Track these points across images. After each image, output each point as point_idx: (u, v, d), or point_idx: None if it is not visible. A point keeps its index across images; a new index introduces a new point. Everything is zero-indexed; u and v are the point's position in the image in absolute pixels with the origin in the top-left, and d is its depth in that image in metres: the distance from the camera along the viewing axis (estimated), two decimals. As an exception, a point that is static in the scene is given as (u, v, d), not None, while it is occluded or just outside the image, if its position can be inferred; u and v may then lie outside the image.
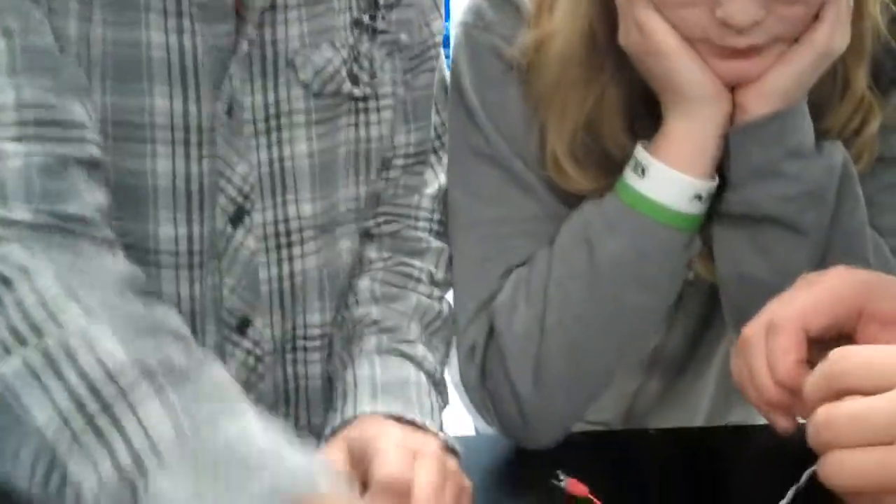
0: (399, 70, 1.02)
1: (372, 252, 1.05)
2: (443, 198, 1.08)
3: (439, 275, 1.07)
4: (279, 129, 0.94)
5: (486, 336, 1.04)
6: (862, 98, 0.98)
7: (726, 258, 0.99)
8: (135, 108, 0.87)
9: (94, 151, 0.84)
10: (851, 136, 0.99)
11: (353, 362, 0.96)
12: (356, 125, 1.00)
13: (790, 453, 0.90)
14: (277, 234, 0.97)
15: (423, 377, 0.97)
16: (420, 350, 0.98)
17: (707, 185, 0.96)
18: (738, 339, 0.78)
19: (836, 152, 0.96)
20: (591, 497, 0.73)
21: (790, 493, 0.65)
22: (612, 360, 1.02)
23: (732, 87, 0.94)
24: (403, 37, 1.01)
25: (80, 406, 0.67)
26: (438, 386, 0.99)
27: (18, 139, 0.79)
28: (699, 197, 0.96)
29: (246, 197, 0.93)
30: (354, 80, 0.98)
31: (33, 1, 0.83)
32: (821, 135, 0.97)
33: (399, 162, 1.05)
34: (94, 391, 0.68)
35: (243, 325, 0.95)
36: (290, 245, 0.97)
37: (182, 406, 0.68)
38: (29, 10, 0.82)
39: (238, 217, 0.93)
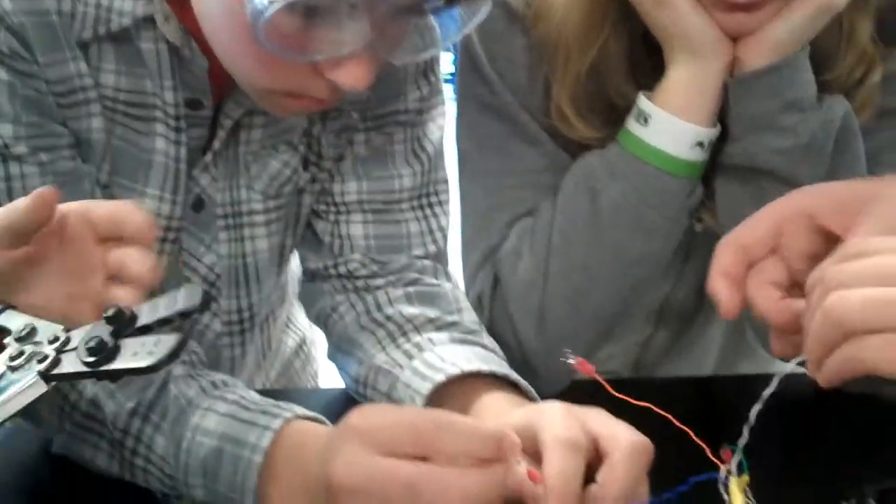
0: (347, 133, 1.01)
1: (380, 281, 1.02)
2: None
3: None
4: (241, 226, 0.97)
5: (492, 285, 1.06)
6: (865, 50, 0.99)
7: (726, 209, 1.00)
8: None
9: None
10: (854, 88, 1.00)
11: (426, 350, 0.93)
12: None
13: (797, 403, 0.92)
14: (241, 321, 1.02)
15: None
16: (488, 340, 0.98)
17: (708, 133, 0.97)
18: None
19: (837, 106, 0.97)
20: (597, 377, 0.73)
21: (774, 381, 0.66)
22: (615, 309, 1.04)
23: (733, 39, 0.95)
24: (355, 116, 0.99)
25: None
26: None
27: None
28: (700, 144, 0.97)
29: (212, 285, 0.98)
30: (306, 166, 0.99)
31: (58, 122, 0.85)
32: (823, 86, 0.97)
33: (357, 217, 1.02)
34: None
35: None
36: (252, 327, 1.04)
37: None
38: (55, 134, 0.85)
39: (204, 303, 0.96)
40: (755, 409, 0.66)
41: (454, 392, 0.87)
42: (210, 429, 0.79)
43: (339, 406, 1.02)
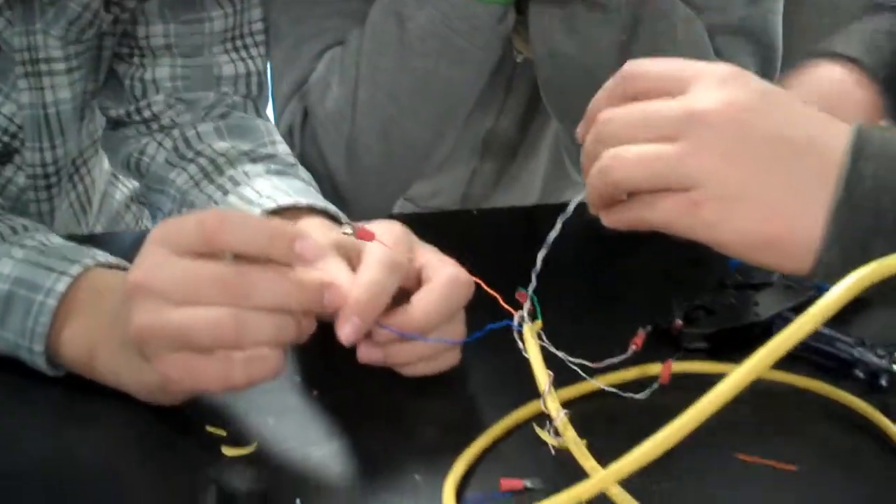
0: None
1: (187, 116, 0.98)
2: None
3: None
4: (40, 74, 0.90)
5: (302, 118, 1.03)
6: None
7: (539, 36, 0.98)
8: None
9: None
10: None
11: (242, 184, 0.89)
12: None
13: (596, 239, 0.92)
14: (47, 175, 0.96)
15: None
16: (304, 173, 0.94)
17: None
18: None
19: None
20: (379, 241, 0.72)
21: (572, 203, 0.65)
22: (426, 140, 1.02)
23: None
24: None
25: None
26: None
27: None
28: None
29: (13, 136, 0.91)
30: (107, 7, 0.92)
31: None
32: None
33: (164, 61, 0.97)
34: None
35: None
36: (59, 181, 0.97)
37: None
38: None
39: (5, 155, 0.92)
40: (541, 255, 0.65)
41: None
42: (4, 273, 0.73)
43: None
